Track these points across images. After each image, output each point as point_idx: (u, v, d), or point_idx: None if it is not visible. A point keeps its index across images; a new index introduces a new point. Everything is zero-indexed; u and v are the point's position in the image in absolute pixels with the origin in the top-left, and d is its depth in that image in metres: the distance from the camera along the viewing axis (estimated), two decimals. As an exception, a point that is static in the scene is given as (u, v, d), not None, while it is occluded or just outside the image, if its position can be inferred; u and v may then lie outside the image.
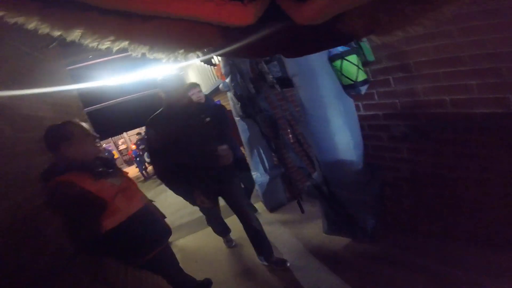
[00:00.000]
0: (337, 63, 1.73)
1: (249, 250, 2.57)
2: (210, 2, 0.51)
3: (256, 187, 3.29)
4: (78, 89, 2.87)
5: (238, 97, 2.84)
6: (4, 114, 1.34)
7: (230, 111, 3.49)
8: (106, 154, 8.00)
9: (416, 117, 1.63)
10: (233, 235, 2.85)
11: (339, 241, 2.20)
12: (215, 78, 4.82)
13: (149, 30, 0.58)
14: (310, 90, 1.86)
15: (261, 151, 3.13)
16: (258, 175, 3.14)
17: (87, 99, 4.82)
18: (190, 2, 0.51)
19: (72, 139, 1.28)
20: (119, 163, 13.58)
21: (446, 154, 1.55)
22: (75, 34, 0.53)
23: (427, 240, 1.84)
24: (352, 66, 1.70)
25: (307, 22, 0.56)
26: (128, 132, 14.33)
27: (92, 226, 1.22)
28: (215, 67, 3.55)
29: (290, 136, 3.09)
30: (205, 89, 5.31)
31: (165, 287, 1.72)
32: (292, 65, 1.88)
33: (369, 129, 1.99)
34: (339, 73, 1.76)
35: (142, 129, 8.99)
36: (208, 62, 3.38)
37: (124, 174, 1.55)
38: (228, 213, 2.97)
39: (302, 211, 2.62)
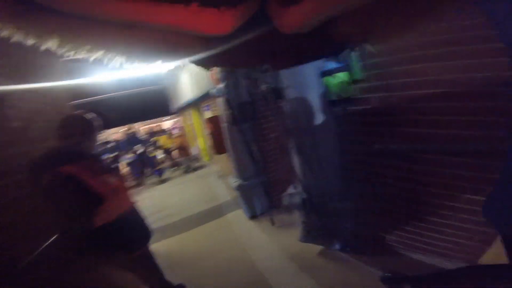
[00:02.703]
0: (327, 78, 1.88)
1: (226, 254, 2.57)
2: (185, 11, 0.49)
3: (237, 194, 3.32)
4: (69, 83, 2.78)
5: (229, 103, 2.92)
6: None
7: (216, 117, 3.56)
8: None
9: (394, 135, 1.79)
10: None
11: (314, 248, 2.29)
12: (209, 83, 4.89)
13: (126, 39, 0.57)
14: (301, 103, 1.99)
15: (245, 158, 3.20)
16: (240, 181, 3.18)
17: (78, 92, 4.67)
18: (165, 11, 0.50)
19: (95, 131, 1.35)
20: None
21: (416, 170, 1.71)
22: (50, 42, 0.52)
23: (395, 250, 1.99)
24: (340, 83, 1.86)
25: (291, 30, 0.56)
26: (113, 129, 13.71)
27: (86, 220, 1.19)
28: (211, 71, 3.63)
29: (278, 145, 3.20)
30: (198, 93, 5.35)
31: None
32: (287, 76, 2.01)
33: (351, 143, 2.14)
34: (328, 88, 1.91)
35: (132, 126, 8.56)
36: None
37: (119, 172, 1.54)
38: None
39: (272, 224, 2.71)
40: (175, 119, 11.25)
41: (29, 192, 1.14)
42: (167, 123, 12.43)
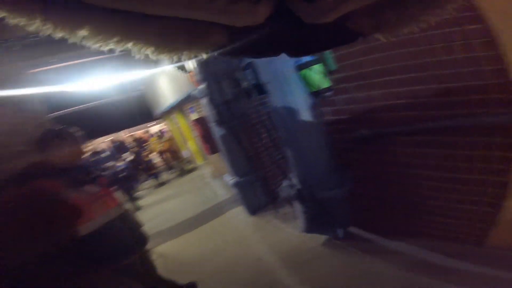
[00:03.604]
0: (304, 71, 1.88)
1: (230, 252, 2.59)
2: (220, 2, 0.49)
3: (235, 192, 3.32)
4: (43, 94, 2.63)
5: (213, 103, 2.86)
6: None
7: (202, 118, 3.50)
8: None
9: (374, 120, 1.82)
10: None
11: (318, 238, 2.33)
12: (189, 85, 4.77)
13: (156, 30, 0.56)
14: (281, 96, 1.98)
15: (237, 155, 3.18)
16: (235, 179, 3.17)
17: (54, 103, 4.46)
18: (200, 1, 0.50)
19: (75, 143, 1.35)
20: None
21: (404, 154, 1.75)
22: (78, 35, 0.50)
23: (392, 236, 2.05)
24: (316, 75, 1.86)
25: (316, 20, 0.56)
26: (99, 139, 13.29)
27: (65, 232, 1.20)
28: (190, 73, 3.53)
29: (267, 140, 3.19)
30: (178, 96, 5.21)
31: None
32: (265, 72, 1.99)
33: (336, 132, 2.16)
34: (305, 81, 1.91)
35: (118, 135, 8.28)
36: (181, 68, 3.35)
37: (102, 181, 1.53)
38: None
39: (277, 213, 2.74)
40: (160, 124, 11.00)
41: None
42: (153, 129, 12.15)
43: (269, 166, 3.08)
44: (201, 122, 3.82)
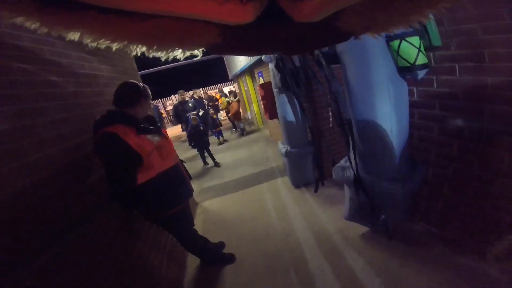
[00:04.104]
0: (395, 42, 1.52)
1: (265, 220, 2.70)
2: (212, 1, 0.49)
3: (284, 161, 3.31)
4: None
5: (279, 68, 2.74)
6: (69, 72, 1.53)
7: (268, 83, 3.43)
8: (154, 111, 8.33)
9: (479, 112, 1.38)
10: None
11: (358, 229, 2.15)
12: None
13: (149, 29, 0.57)
14: (358, 69, 1.67)
15: (296, 126, 3.07)
16: (288, 149, 3.12)
17: (141, 62, 5.23)
18: (192, 0, 0.49)
19: (148, 97, 1.51)
20: (165, 122, 14.76)
21: (499, 159, 1.31)
22: (74, 34, 0.52)
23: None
24: (412, 48, 1.49)
25: (305, 19, 0.55)
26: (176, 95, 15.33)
27: (127, 178, 1.33)
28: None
29: (331, 114, 2.94)
30: (249, 60, 5.24)
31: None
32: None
33: (419, 117, 1.77)
34: (396, 54, 1.55)
35: (190, 93, 9.28)
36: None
37: (163, 133, 1.64)
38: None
39: (316, 190, 2.60)
40: (232, 86, 11.56)
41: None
42: (225, 89, 12.94)
43: (327, 142, 2.87)
44: (266, 87, 3.79)
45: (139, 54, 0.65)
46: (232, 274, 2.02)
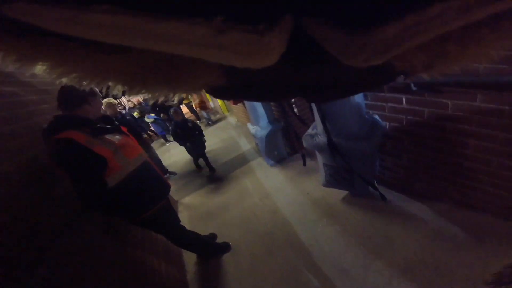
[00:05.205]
0: None
1: (249, 202, 2.73)
2: (204, 28, 0.31)
3: (257, 141, 3.32)
4: None
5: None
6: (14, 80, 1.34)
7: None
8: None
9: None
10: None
11: (337, 194, 2.29)
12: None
13: (128, 66, 0.42)
14: None
15: (262, 104, 3.05)
16: (258, 129, 3.12)
17: None
18: (176, 29, 0.31)
19: (97, 95, 1.36)
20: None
21: (446, 106, 1.46)
22: (36, 67, 0.41)
23: (421, 199, 1.92)
24: None
25: (362, 63, 0.38)
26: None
27: (96, 183, 1.24)
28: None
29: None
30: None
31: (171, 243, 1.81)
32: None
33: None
34: None
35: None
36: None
37: (123, 130, 1.52)
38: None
39: (304, 164, 2.64)
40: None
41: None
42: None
43: (292, 115, 2.92)
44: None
45: (120, 95, 0.51)
46: (232, 262, 2.03)
